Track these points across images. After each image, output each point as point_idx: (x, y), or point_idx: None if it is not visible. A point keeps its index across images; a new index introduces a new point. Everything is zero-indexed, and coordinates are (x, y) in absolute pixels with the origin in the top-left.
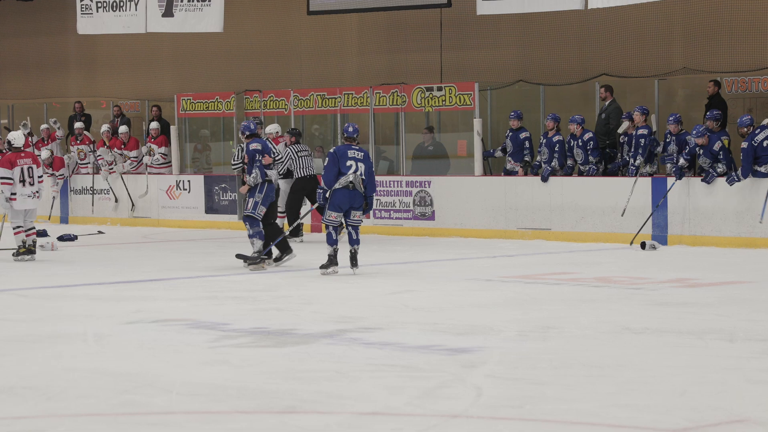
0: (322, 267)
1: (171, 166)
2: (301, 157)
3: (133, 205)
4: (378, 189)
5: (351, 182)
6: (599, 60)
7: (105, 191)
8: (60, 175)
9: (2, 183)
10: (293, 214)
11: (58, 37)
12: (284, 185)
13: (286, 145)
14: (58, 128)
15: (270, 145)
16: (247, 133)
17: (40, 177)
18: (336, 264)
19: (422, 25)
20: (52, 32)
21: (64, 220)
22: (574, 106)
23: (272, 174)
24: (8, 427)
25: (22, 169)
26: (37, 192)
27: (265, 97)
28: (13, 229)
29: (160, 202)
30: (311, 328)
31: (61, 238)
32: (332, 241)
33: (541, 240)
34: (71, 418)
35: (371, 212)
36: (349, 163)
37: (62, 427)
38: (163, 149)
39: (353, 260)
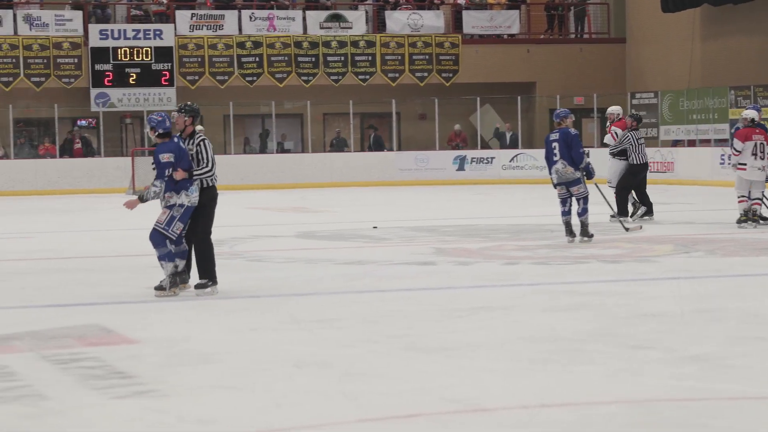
0: None
1: None
2: (641, 144)
3: None
4: None
5: None
6: None
7: None
8: None
9: (733, 154)
10: (624, 195)
11: None
12: (619, 165)
13: (628, 129)
14: None
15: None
16: (160, 130)
17: None
18: None
19: None
20: None
21: None
22: None
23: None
24: None
25: (755, 143)
26: (766, 167)
27: None
28: (738, 197)
29: None
30: None
31: None
32: None
33: None
34: None
35: None
36: None
37: None
38: None
39: None
